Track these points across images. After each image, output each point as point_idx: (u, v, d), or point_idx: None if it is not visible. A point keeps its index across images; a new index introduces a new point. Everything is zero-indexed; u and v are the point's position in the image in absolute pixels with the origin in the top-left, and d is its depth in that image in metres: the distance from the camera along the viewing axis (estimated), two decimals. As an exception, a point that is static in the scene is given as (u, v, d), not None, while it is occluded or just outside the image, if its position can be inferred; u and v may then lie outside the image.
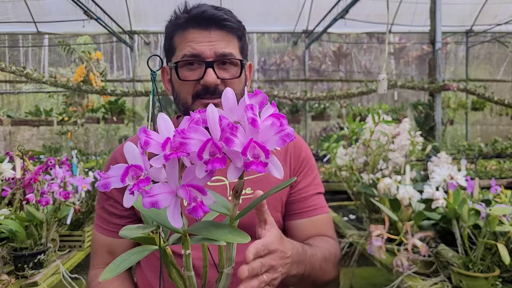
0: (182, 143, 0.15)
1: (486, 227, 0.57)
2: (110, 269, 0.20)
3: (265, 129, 0.16)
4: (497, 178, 1.72)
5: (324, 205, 0.42)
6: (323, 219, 0.41)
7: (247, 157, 0.15)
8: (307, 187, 0.40)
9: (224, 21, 0.35)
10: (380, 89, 1.61)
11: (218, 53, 0.35)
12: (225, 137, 0.15)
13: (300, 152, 0.40)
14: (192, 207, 0.16)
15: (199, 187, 0.16)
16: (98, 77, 2.30)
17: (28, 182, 0.73)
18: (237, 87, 0.37)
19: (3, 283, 0.63)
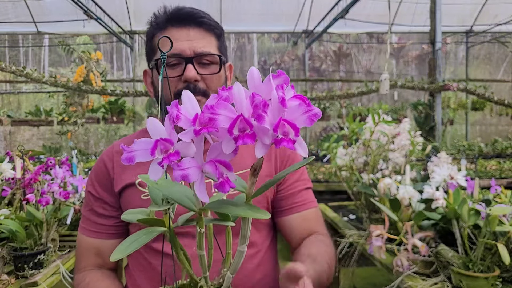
0: (212, 119, 0.15)
1: (486, 227, 0.57)
2: (120, 249, 0.20)
3: (293, 109, 0.16)
4: (497, 178, 1.71)
5: (312, 200, 0.42)
6: (313, 214, 0.41)
7: (277, 134, 0.15)
8: (295, 183, 0.40)
9: (201, 18, 0.36)
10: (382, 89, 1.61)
11: (197, 51, 0.35)
12: (257, 113, 0.15)
13: (286, 148, 0.36)
14: (220, 182, 0.16)
15: (226, 163, 0.16)
16: (98, 77, 2.30)
17: (28, 182, 0.73)
18: (216, 84, 0.37)
19: (3, 283, 0.63)
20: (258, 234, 0.39)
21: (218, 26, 0.38)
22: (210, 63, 0.36)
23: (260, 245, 0.39)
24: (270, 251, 0.40)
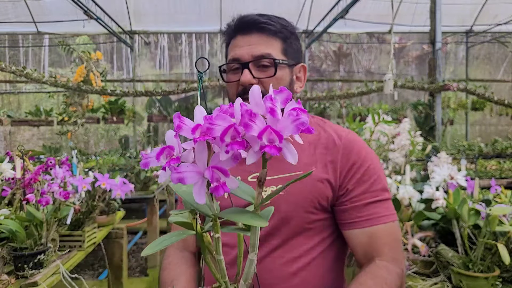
0: (209, 128, 0.18)
1: (486, 227, 0.57)
2: (151, 247, 0.22)
3: (283, 119, 0.18)
4: (497, 178, 1.71)
5: (384, 215, 0.36)
6: (381, 231, 0.36)
7: (262, 141, 0.17)
8: (362, 195, 0.36)
9: (263, 24, 0.38)
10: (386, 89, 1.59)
11: (255, 55, 0.38)
12: (244, 122, 0.17)
13: (349, 155, 0.36)
14: (215, 186, 0.18)
15: (222, 169, 0.18)
16: (98, 77, 2.30)
17: (28, 182, 0.73)
18: (274, 86, 0.37)
19: (3, 283, 0.63)
20: (305, 239, 0.37)
21: (285, 28, 0.39)
22: (268, 66, 0.38)
23: (305, 251, 0.37)
24: (321, 258, 0.38)
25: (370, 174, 0.37)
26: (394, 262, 0.36)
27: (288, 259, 0.36)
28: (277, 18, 0.40)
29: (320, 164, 0.38)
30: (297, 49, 0.41)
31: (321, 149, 0.38)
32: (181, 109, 2.85)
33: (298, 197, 0.36)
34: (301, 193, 0.36)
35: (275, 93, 0.19)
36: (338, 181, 0.37)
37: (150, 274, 1.59)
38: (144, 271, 1.64)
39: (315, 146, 0.39)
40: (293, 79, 0.41)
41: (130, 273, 1.60)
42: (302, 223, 0.36)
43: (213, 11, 3.33)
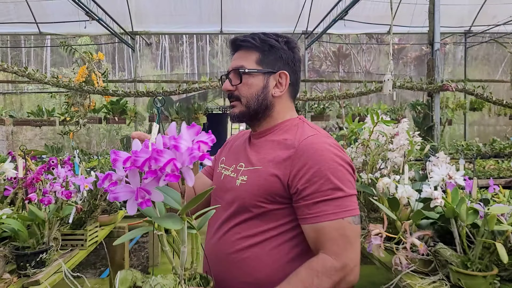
0: (135, 160, 0.26)
1: (484, 226, 0.57)
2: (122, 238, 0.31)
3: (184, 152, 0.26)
4: (495, 177, 1.72)
5: (331, 212, 0.39)
6: (326, 228, 0.39)
7: (165, 171, 0.25)
8: (312, 194, 0.40)
9: (242, 43, 0.47)
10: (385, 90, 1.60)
11: (232, 67, 0.47)
12: (154, 157, 0.25)
13: (302, 157, 0.40)
14: (140, 202, 0.26)
15: (146, 190, 0.26)
16: (100, 77, 2.31)
17: (30, 182, 0.74)
18: (245, 91, 0.47)
19: (5, 282, 0.64)
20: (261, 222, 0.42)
21: (264, 42, 0.46)
22: (238, 75, 0.46)
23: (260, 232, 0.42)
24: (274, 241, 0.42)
25: (319, 176, 0.40)
26: (335, 256, 0.38)
27: (244, 235, 0.43)
28: (261, 34, 0.47)
29: (277, 161, 0.42)
30: (276, 59, 0.47)
31: (283, 149, 0.43)
32: (182, 109, 2.86)
33: (254, 188, 0.43)
34: (256, 185, 0.43)
35: (187, 128, 0.27)
36: (288, 179, 0.41)
37: (151, 272, 1.60)
38: (145, 269, 1.64)
39: (279, 146, 0.44)
40: (267, 85, 0.46)
41: None
42: (257, 209, 0.42)
43: (213, 13, 3.35)
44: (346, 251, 0.39)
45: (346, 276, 0.38)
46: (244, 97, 0.46)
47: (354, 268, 0.39)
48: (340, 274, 0.38)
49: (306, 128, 0.45)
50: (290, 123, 0.47)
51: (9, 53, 5.48)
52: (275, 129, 0.47)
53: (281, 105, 0.47)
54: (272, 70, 0.46)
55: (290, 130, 0.46)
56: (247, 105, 0.46)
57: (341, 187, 0.40)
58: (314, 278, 0.37)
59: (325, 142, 0.43)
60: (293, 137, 0.44)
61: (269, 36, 0.47)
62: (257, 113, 0.46)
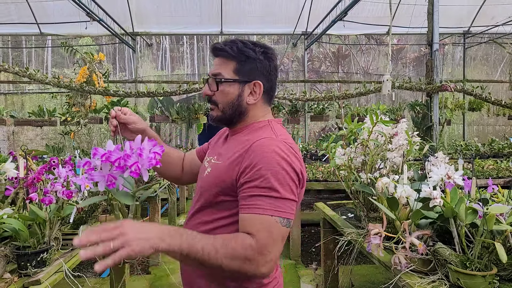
0: (108, 156, 0.40)
1: (483, 225, 0.57)
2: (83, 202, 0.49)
3: (146, 158, 0.41)
4: (494, 177, 1.71)
5: (262, 207, 0.41)
6: (254, 219, 0.41)
7: (132, 169, 0.40)
8: (250, 188, 0.43)
9: (220, 51, 0.50)
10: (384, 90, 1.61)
11: (211, 73, 0.51)
12: (124, 158, 0.41)
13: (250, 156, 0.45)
14: (109, 184, 0.41)
15: (113, 176, 0.41)
16: (101, 78, 2.32)
17: (31, 182, 0.74)
18: (221, 98, 0.51)
19: (6, 281, 0.64)
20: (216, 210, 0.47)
21: (241, 53, 0.49)
22: (215, 82, 0.50)
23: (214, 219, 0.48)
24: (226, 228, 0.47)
25: (260, 174, 0.43)
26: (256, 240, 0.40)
27: (202, 221, 0.49)
28: (240, 44, 0.49)
29: (233, 159, 0.47)
30: (252, 69, 0.50)
31: (240, 148, 0.47)
32: (183, 109, 2.87)
33: (212, 180, 0.49)
34: (214, 177, 0.49)
35: (149, 141, 0.42)
36: (237, 175, 0.45)
37: (152, 272, 1.59)
38: (146, 269, 1.63)
39: (240, 145, 0.48)
40: (242, 93, 0.50)
41: (132, 271, 1.58)
42: (213, 198, 0.48)
43: (214, 14, 3.36)
44: (267, 242, 0.41)
45: (259, 262, 0.40)
46: (221, 104, 0.50)
47: (269, 261, 0.40)
48: (255, 254, 0.40)
49: (266, 131, 0.49)
50: (257, 125, 0.51)
51: (10, 53, 5.49)
52: (244, 130, 0.51)
53: (255, 111, 0.51)
54: (247, 79, 0.50)
55: (255, 131, 0.50)
56: (223, 111, 0.50)
57: (278, 189, 0.42)
58: (232, 241, 0.40)
59: (275, 145, 0.45)
60: (252, 138, 0.47)
61: (246, 46, 0.49)
62: (232, 118, 0.51)
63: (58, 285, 0.71)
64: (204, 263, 0.39)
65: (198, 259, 0.38)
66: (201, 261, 0.38)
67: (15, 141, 4.29)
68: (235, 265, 0.39)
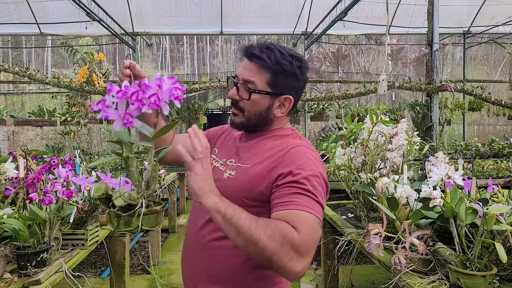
0: (125, 92, 0.36)
1: (483, 225, 0.57)
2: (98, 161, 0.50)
3: (165, 91, 0.36)
4: (494, 177, 1.71)
5: (303, 205, 0.41)
6: (296, 214, 0.40)
7: (151, 100, 0.35)
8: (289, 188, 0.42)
9: (257, 59, 0.48)
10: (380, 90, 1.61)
11: (243, 78, 0.49)
12: (142, 89, 0.36)
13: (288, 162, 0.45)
14: (125, 122, 0.36)
15: (130, 114, 0.36)
16: (101, 78, 2.32)
17: (32, 182, 0.74)
18: (249, 107, 0.49)
19: (6, 281, 0.64)
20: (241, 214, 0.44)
21: (278, 65, 0.47)
22: (247, 91, 0.48)
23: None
24: None
25: (301, 177, 0.43)
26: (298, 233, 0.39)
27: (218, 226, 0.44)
28: (278, 54, 0.47)
29: (265, 164, 0.46)
30: (285, 84, 0.48)
31: (273, 153, 0.47)
32: (183, 109, 2.87)
33: (239, 184, 0.46)
34: (242, 181, 0.46)
35: (169, 78, 0.37)
36: (273, 181, 0.44)
37: (152, 271, 1.60)
38: (146, 269, 1.63)
39: (271, 150, 0.48)
40: (272, 106, 0.49)
41: (132, 271, 1.58)
42: (240, 203, 0.44)
43: (214, 14, 3.36)
44: (308, 239, 0.39)
45: (295, 255, 0.38)
46: (247, 112, 0.49)
47: (305, 262, 0.38)
48: (294, 245, 0.37)
49: (296, 138, 0.50)
50: (283, 132, 0.51)
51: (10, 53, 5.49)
52: (268, 135, 0.50)
53: (279, 121, 0.51)
54: (279, 93, 0.48)
55: (282, 138, 0.50)
56: (248, 119, 0.49)
57: (315, 193, 0.43)
58: (275, 223, 0.39)
59: (311, 154, 0.46)
60: (285, 144, 0.47)
61: (284, 56, 0.47)
62: (255, 126, 0.50)
63: (58, 285, 0.71)
64: (243, 233, 0.37)
65: (238, 227, 0.37)
66: (241, 230, 0.37)
67: (15, 141, 4.30)
68: (272, 246, 0.36)
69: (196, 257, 0.49)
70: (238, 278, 0.46)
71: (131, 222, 0.36)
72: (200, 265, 0.48)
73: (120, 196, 0.35)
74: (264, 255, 0.37)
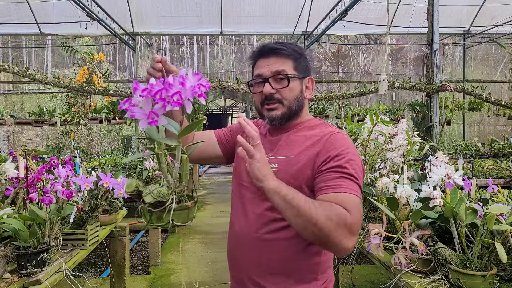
0: (150, 90, 0.35)
1: (483, 225, 0.57)
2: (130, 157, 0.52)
3: (188, 88, 0.36)
4: (494, 177, 1.71)
5: (348, 188, 0.44)
6: (345, 196, 0.43)
7: (173, 99, 0.35)
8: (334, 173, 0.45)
9: (278, 50, 0.51)
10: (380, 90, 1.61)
11: (273, 71, 0.51)
12: (165, 88, 0.35)
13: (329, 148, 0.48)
14: (150, 121, 0.35)
15: (155, 113, 0.35)
16: (101, 78, 2.32)
17: (32, 182, 0.74)
18: (288, 94, 0.51)
19: (6, 281, 0.64)
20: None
21: (295, 52, 0.52)
22: (283, 79, 0.51)
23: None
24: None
25: (345, 160, 0.46)
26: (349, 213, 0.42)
27: (276, 217, 0.48)
28: (289, 44, 0.52)
29: (307, 153, 0.49)
30: (306, 66, 0.53)
31: (313, 142, 0.50)
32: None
33: (284, 175, 0.48)
34: (287, 172, 0.49)
35: (193, 75, 0.37)
36: (316, 168, 0.47)
37: (151, 272, 1.59)
38: (146, 269, 1.63)
39: (309, 140, 0.50)
40: (302, 88, 0.53)
41: (132, 271, 1.58)
42: None
43: (214, 14, 3.36)
44: (358, 220, 0.42)
45: (348, 234, 0.41)
46: (287, 100, 0.51)
47: (354, 239, 0.41)
48: (347, 224, 0.40)
49: (330, 126, 0.53)
50: (313, 122, 0.54)
51: (10, 53, 5.49)
52: (300, 126, 0.53)
53: (306, 106, 0.55)
54: (304, 76, 0.53)
55: (315, 127, 0.53)
56: (289, 107, 0.51)
57: (356, 176, 0.46)
58: (330, 205, 0.41)
59: (348, 140, 0.50)
60: (321, 133, 0.50)
61: (295, 46, 0.53)
62: (295, 114, 0.52)
63: (58, 285, 0.71)
64: (302, 214, 0.39)
65: (298, 208, 0.39)
66: (300, 211, 0.39)
67: (15, 141, 4.30)
68: (329, 226, 0.39)
69: (251, 252, 0.49)
70: (297, 267, 0.47)
71: (162, 217, 0.37)
72: (257, 259, 0.49)
73: (149, 193, 0.36)
74: (322, 234, 0.40)
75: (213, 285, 1.44)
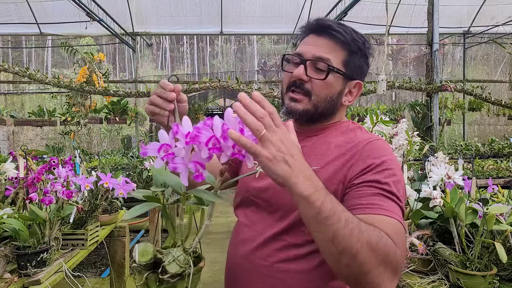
0: (197, 135, 0.27)
1: (483, 225, 0.57)
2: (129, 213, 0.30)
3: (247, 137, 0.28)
4: (494, 177, 1.71)
5: (387, 209, 0.32)
6: (387, 222, 0.31)
7: (234, 150, 0.27)
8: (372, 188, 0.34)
9: (334, 32, 0.39)
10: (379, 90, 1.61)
11: (315, 55, 0.39)
12: (223, 136, 0.27)
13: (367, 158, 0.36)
14: (196, 175, 0.27)
15: (201, 164, 0.27)
16: (101, 78, 2.32)
17: (32, 182, 0.74)
18: (320, 90, 0.39)
19: (6, 281, 0.64)
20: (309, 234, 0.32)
21: (354, 43, 0.39)
22: (322, 69, 0.39)
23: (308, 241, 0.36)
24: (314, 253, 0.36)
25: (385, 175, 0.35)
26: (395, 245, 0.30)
27: (289, 244, 0.37)
28: (352, 30, 0.40)
29: (337, 164, 0.38)
30: (359, 66, 0.41)
31: (343, 151, 0.39)
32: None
33: (332, 173, 0.37)
34: None
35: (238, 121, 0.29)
36: (348, 181, 0.37)
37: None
38: None
39: (339, 148, 0.39)
40: (343, 90, 0.41)
41: (132, 271, 1.60)
42: None
43: (214, 14, 3.37)
44: (403, 254, 0.31)
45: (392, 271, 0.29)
46: (317, 96, 0.39)
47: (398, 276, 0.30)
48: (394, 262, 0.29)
49: (366, 133, 0.41)
50: (345, 126, 0.42)
51: (10, 53, 5.50)
52: (329, 129, 0.41)
53: (341, 113, 0.42)
54: (352, 77, 0.40)
55: (349, 133, 0.41)
56: (315, 105, 0.39)
57: (400, 198, 0.34)
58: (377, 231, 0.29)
59: (389, 150, 0.38)
60: (354, 140, 0.39)
61: (358, 35, 0.40)
62: (320, 116, 0.40)
63: (58, 285, 0.71)
64: (339, 240, 0.27)
65: (334, 231, 0.27)
66: (338, 235, 0.27)
67: (15, 141, 4.30)
68: (373, 262, 0.27)
69: (256, 284, 0.37)
70: None
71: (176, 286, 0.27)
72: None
73: (174, 261, 0.26)
74: (359, 271, 0.28)
75: (213, 285, 1.43)
